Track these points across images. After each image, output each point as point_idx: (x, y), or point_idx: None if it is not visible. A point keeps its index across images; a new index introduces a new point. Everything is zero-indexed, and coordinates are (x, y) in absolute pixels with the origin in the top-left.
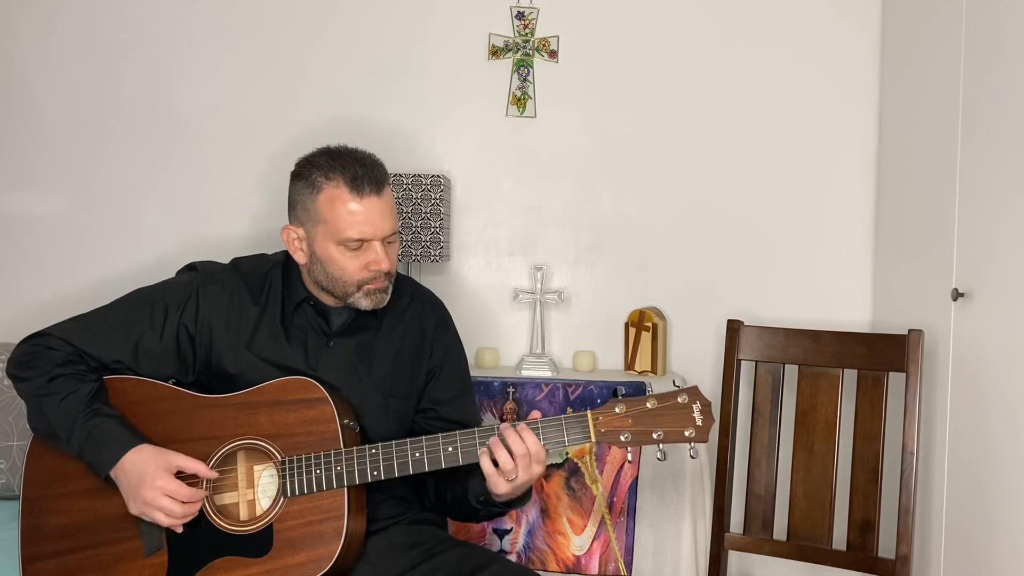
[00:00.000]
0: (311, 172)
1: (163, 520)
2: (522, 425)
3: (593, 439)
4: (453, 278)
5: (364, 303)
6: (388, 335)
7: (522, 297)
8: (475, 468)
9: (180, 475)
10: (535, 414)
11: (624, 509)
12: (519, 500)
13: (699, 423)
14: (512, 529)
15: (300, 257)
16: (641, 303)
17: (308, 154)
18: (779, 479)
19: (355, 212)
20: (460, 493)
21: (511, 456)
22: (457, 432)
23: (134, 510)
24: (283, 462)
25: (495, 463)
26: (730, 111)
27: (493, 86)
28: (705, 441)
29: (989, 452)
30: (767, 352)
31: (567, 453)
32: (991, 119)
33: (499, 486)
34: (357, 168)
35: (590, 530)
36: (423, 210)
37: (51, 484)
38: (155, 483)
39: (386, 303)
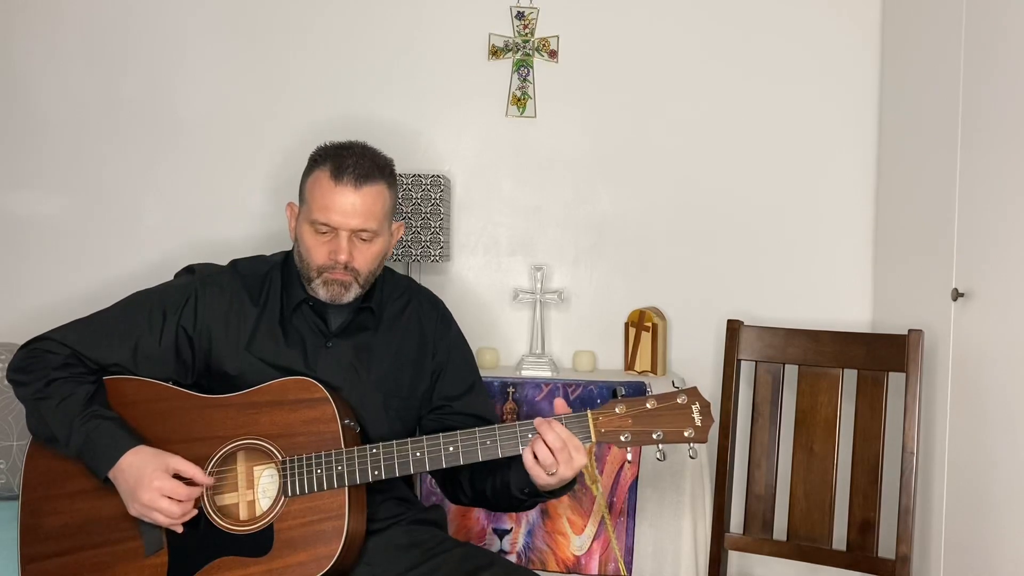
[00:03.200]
0: (316, 157)
1: (162, 520)
2: (551, 419)
3: (593, 439)
4: (453, 278)
5: (321, 292)
6: (387, 335)
7: (522, 297)
8: (512, 460)
9: (178, 476)
10: (559, 403)
11: (624, 509)
12: (566, 487)
13: (698, 424)
14: (512, 529)
15: (291, 235)
16: (641, 303)
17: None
18: (779, 479)
19: (327, 197)
20: (500, 486)
21: (550, 451)
22: (458, 432)
23: (133, 511)
24: (284, 462)
25: (535, 456)
26: (730, 111)
27: (493, 86)
28: (704, 442)
29: (989, 452)
30: (767, 352)
31: None
32: (991, 119)
33: (541, 478)
34: (350, 160)
35: (590, 530)
36: (423, 210)
37: (50, 484)
38: (153, 484)
39: (347, 300)
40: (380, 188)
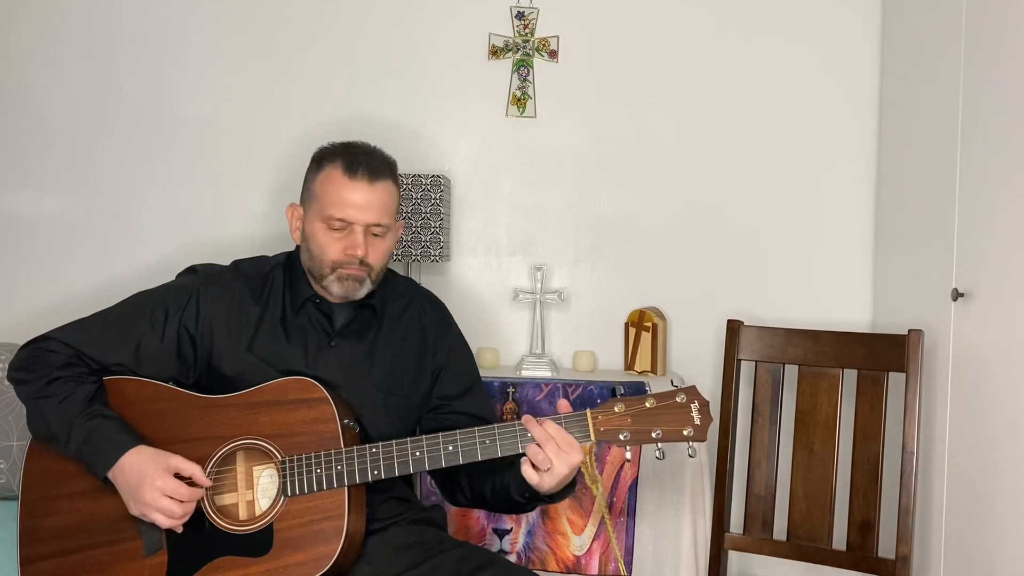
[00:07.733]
0: (322, 156)
1: (163, 521)
2: (541, 418)
3: (592, 438)
4: (453, 278)
5: (335, 288)
6: (389, 335)
7: (522, 297)
8: (513, 463)
9: (178, 476)
10: (562, 403)
11: (624, 509)
12: (566, 490)
13: (697, 422)
14: (512, 529)
15: (296, 237)
16: (641, 303)
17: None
18: (779, 479)
19: (342, 192)
20: (500, 489)
21: (539, 447)
22: (457, 431)
23: (134, 511)
24: (283, 461)
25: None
26: (730, 110)
27: (493, 86)
28: (703, 440)
29: (989, 452)
30: (767, 352)
31: None
32: (991, 119)
33: (544, 484)
34: (359, 156)
35: (590, 530)
36: (423, 210)
37: (50, 484)
38: (154, 483)
39: (360, 296)
40: (390, 184)
